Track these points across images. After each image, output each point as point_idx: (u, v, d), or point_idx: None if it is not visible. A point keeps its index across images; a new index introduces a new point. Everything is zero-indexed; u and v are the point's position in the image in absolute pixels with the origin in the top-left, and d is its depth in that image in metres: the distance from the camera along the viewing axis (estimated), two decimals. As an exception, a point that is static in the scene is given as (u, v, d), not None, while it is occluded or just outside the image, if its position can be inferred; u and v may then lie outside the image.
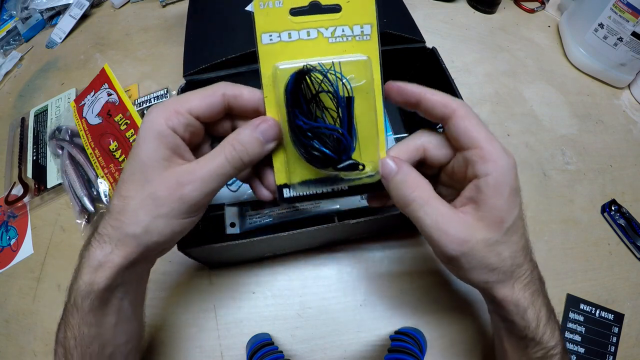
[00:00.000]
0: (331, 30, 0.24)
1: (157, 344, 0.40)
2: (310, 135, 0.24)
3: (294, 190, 0.27)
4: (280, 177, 0.26)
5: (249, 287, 0.43)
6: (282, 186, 0.27)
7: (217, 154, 0.24)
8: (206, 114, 0.25)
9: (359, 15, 0.25)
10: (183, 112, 0.24)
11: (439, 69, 0.41)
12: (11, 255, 0.48)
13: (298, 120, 0.24)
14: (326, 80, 0.23)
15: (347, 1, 0.24)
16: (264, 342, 0.37)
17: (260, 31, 0.24)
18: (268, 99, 0.25)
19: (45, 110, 0.58)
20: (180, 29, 0.50)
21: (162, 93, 0.57)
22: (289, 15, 0.24)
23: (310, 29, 0.24)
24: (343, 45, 0.25)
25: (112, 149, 0.50)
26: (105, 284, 0.24)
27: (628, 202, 0.49)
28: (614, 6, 0.54)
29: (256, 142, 0.24)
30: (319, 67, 0.23)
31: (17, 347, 0.41)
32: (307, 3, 0.24)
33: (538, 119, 0.56)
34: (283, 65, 0.24)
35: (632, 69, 0.57)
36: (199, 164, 0.24)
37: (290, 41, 0.24)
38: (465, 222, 0.24)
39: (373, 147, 0.26)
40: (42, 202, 0.51)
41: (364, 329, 0.40)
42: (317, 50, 0.25)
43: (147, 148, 0.24)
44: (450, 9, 0.69)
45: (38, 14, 0.70)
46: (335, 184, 0.26)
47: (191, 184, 0.24)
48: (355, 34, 0.25)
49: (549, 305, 0.27)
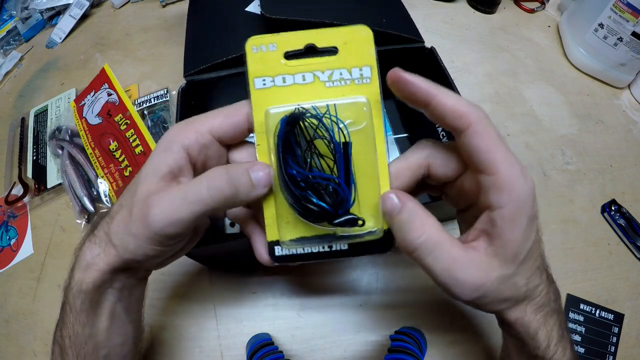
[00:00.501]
0: (328, 74, 0.23)
1: (158, 344, 0.40)
2: (303, 186, 0.21)
3: (286, 249, 0.24)
4: (271, 233, 0.24)
5: (249, 287, 0.43)
6: (273, 243, 0.24)
7: (197, 179, 0.22)
8: (229, 134, 0.23)
9: (357, 57, 0.23)
10: (203, 131, 0.23)
11: (438, 69, 0.41)
12: (11, 255, 0.48)
13: (290, 169, 0.21)
14: (321, 125, 0.21)
15: (344, 43, 0.23)
16: (264, 342, 0.37)
17: (253, 76, 0.23)
18: (260, 147, 0.23)
19: (45, 110, 0.58)
20: (180, 29, 0.50)
21: (162, 93, 0.57)
22: (283, 58, 0.23)
23: (305, 73, 0.23)
24: (341, 89, 0.23)
25: (112, 149, 0.50)
26: (93, 285, 0.24)
27: (628, 202, 0.49)
28: (614, 6, 0.54)
29: (246, 180, 0.22)
30: (312, 110, 0.22)
31: (17, 347, 0.41)
32: (302, 46, 0.23)
33: (538, 119, 0.56)
34: (274, 110, 0.23)
35: (632, 69, 0.57)
36: (174, 187, 0.22)
37: (284, 85, 0.23)
38: (478, 262, 0.21)
39: (375, 198, 0.23)
40: (42, 202, 0.51)
41: (364, 329, 0.40)
42: (314, 95, 0.23)
43: (150, 162, 0.23)
44: (450, 9, 0.69)
45: (38, 14, 0.70)
46: (334, 241, 0.24)
47: (157, 206, 0.21)
48: (354, 77, 0.23)
49: (563, 323, 0.26)
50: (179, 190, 0.21)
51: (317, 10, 0.41)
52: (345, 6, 0.44)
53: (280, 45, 0.23)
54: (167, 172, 0.22)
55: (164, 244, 0.22)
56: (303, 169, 0.21)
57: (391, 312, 0.41)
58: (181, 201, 0.21)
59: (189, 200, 0.21)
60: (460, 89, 0.39)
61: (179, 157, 0.22)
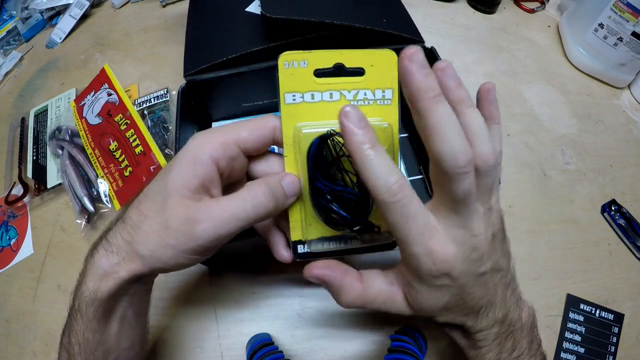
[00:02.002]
0: (353, 94, 0.24)
1: (158, 344, 0.40)
2: (329, 198, 0.24)
3: (309, 247, 0.27)
4: (295, 234, 0.26)
5: (249, 287, 0.43)
6: (296, 242, 0.27)
7: (241, 195, 0.23)
8: (255, 146, 0.24)
9: (381, 79, 0.24)
10: (231, 143, 0.23)
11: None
12: (11, 255, 0.48)
13: (319, 183, 0.24)
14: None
15: (370, 65, 0.24)
16: (264, 342, 0.37)
17: (284, 91, 0.24)
18: (288, 159, 0.25)
19: (45, 110, 0.58)
20: (180, 29, 0.50)
21: (162, 93, 0.57)
22: (313, 76, 0.24)
23: (333, 91, 0.24)
24: (364, 108, 0.25)
25: (112, 149, 0.50)
26: (110, 293, 0.24)
27: (628, 202, 0.49)
28: (614, 6, 0.54)
29: (281, 193, 0.24)
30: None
31: (17, 347, 0.41)
32: (331, 65, 0.24)
33: (538, 119, 0.56)
34: (306, 130, 0.24)
35: (632, 69, 0.57)
36: (218, 202, 0.23)
37: (312, 102, 0.24)
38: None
39: None
40: (42, 202, 0.51)
41: (364, 329, 0.40)
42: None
43: (178, 173, 0.23)
44: (450, 9, 0.69)
45: (38, 14, 0.70)
46: (350, 241, 0.27)
47: (205, 222, 0.22)
48: (377, 98, 0.25)
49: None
50: (225, 206, 0.23)
51: (317, 10, 0.41)
52: (345, 6, 0.44)
53: (311, 63, 0.24)
54: (199, 185, 0.23)
55: (204, 254, 0.24)
56: (330, 183, 0.24)
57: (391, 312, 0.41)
58: (230, 217, 0.22)
59: (237, 217, 0.22)
60: (460, 89, 0.39)
61: (209, 169, 0.23)
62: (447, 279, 0.22)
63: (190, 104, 0.42)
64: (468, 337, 0.26)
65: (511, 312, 0.25)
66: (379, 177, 0.20)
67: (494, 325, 0.25)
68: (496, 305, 0.25)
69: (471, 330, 0.25)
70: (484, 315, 0.24)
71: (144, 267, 0.23)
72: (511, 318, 0.25)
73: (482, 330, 0.25)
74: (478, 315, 0.24)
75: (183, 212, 0.22)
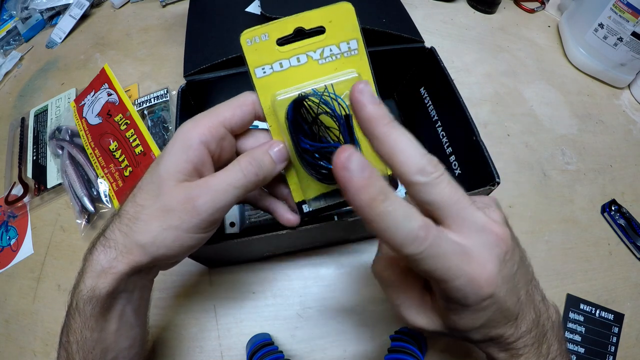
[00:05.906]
0: (319, 52, 0.25)
1: (158, 344, 0.40)
2: (317, 156, 0.25)
3: (309, 206, 0.28)
4: (297, 196, 0.28)
5: (249, 287, 0.43)
6: (300, 203, 0.28)
7: (232, 167, 0.24)
8: (239, 124, 0.25)
9: (343, 32, 0.25)
10: (217, 125, 0.24)
11: (438, 69, 0.41)
12: (11, 255, 0.48)
13: (303, 144, 0.25)
14: (322, 103, 0.24)
15: (329, 21, 0.25)
16: (264, 342, 0.37)
17: (253, 66, 0.25)
18: (272, 128, 0.26)
19: (45, 110, 0.58)
20: (180, 29, 0.50)
21: (162, 93, 0.57)
22: (276, 46, 0.25)
23: (299, 55, 0.25)
24: (333, 64, 0.25)
25: (112, 149, 0.50)
26: (108, 291, 0.24)
27: (628, 202, 0.49)
28: (614, 6, 0.54)
29: (268, 159, 0.25)
30: (312, 92, 0.24)
31: (17, 347, 0.41)
32: (291, 31, 0.25)
33: (538, 119, 0.56)
34: (280, 97, 0.25)
35: (632, 69, 0.57)
36: (213, 177, 0.24)
37: (282, 70, 0.25)
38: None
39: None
40: (42, 202, 0.51)
41: (364, 329, 0.40)
42: (310, 74, 0.25)
43: (171, 160, 0.24)
44: (450, 9, 0.69)
45: (38, 14, 0.70)
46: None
47: (204, 196, 0.23)
48: (343, 51, 0.25)
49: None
50: (219, 179, 0.24)
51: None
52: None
53: (271, 34, 0.25)
54: (192, 169, 0.24)
55: (206, 230, 0.25)
56: (314, 142, 0.25)
57: (391, 312, 0.41)
58: (227, 187, 0.24)
59: (234, 185, 0.24)
60: (460, 89, 0.39)
61: (200, 152, 0.24)
62: (492, 298, 0.21)
63: (190, 104, 0.42)
64: (507, 349, 0.24)
65: (542, 312, 0.24)
66: (411, 155, 0.19)
67: (532, 329, 0.23)
68: (528, 306, 0.23)
69: (511, 339, 0.23)
70: (522, 320, 0.23)
71: (144, 257, 0.24)
72: (543, 318, 0.24)
73: (522, 337, 0.23)
74: (517, 321, 0.23)
75: (182, 192, 0.23)
